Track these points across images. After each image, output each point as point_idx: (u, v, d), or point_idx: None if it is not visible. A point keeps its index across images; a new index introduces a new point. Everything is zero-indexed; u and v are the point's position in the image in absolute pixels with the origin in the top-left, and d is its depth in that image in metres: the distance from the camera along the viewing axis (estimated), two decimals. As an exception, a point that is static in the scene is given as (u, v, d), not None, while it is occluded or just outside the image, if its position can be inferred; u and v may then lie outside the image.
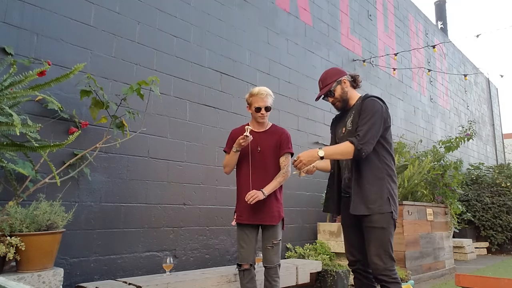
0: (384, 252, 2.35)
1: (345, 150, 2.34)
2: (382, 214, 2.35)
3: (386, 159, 2.45)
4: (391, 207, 2.37)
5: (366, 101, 2.47)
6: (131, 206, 3.25)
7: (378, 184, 2.38)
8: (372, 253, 2.37)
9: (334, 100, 2.60)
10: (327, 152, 2.35)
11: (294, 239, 4.68)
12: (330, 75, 2.59)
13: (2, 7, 2.69)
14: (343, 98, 2.57)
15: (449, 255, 5.95)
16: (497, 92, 14.80)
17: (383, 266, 2.33)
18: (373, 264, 2.36)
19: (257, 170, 2.85)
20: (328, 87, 2.56)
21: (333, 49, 6.05)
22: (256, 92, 2.85)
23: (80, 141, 2.92)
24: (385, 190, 2.38)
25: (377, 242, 2.36)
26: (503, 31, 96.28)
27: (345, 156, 2.38)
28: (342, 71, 2.64)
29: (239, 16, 4.51)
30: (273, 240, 2.81)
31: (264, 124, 2.95)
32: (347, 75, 2.60)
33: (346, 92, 2.56)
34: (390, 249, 2.37)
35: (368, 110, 2.40)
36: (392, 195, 2.41)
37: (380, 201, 2.36)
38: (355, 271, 2.59)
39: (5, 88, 2.07)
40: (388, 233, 2.37)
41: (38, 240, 2.17)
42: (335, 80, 2.55)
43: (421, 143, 7.74)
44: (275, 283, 2.79)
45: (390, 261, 2.36)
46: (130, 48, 3.40)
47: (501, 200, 8.39)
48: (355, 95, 2.60)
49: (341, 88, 2.56)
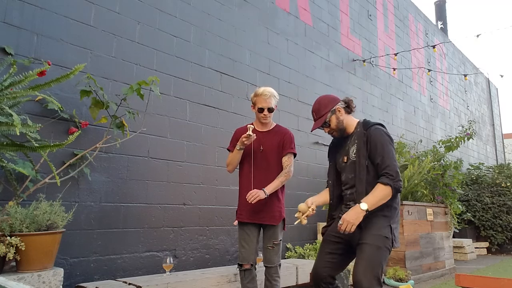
0: (372, 273, 2.16)
1: (384, 195, 2.26)
2: (377, 235, 2.25)
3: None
4: (391, 234, 2.27)
5: (370, 131, 2.38)
6: (131, 206, 3.25)
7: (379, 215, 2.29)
8: (359, 271, 2.18)
9: (330, 130, 2.52)
10: (370, 204, 2.24)
11: (294, 239, 4.68)
12: (324, 106, 2.49)
13: (2, 7, 2.69)
14: (339, 127, 2.48)
15: (449, 255, 5.95)
16: (497, 92, 14.80)
17: (367, 285, 2.12)
18: (357, 283, 2.17)
19: (259, 170, 2.84)
20: (322, 118, 2.46)
21: (333, 49, 6.05)
22: (260, 92, 2.85)
23: (80, 141, 2.92)
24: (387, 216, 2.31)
25: (366, 261, 2.19)
26: (503, 31, 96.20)
27: (387, 199, 2.29)
28: (335, 98, 2.54)
29: (239, 16, 4.51)
30: (273, 240, 2.81)
31: (268, 124, 2.95)
32: (341, 102, 2.50)
33: (341, 121, 2.48)
34: (380, 272, 2.20)
35: (380, 143, 2.33)
36: (395, 222, 2.33)
37: (380, 225, 2.28)
38: (317, 286, 2.42)
39: (5, 88, 2.07)
40: (381, 255, 2.22)
41: (38, 240, 2.17)
42: (329, 110, 2.46)
43: (421, 143, 7.74)
44: (275, 283, 2.79)
45: (376, 285, 2.15)
46: (130, 48, 3.40)
47: (501, 200, 8.39)
48: (352, 121, 2.52)
49: (336, 118, 2.47)
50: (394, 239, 2.29)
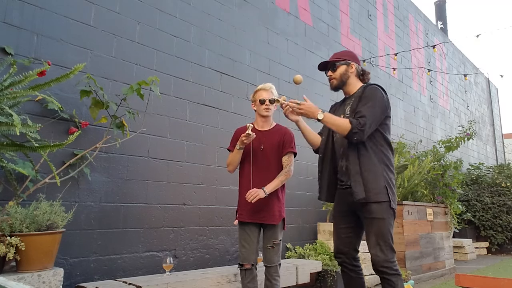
0: (384, 243, 2.30)
1: (342, 125, 2.31)
2: (379, 203, 2.31)
3: (384, 148, 2.42)
4: (389, 196, 2.32)
5: (367, 88, 2.44)
6: (131, 206, 3.25)
7: (375, 172, 2.35)
8: (372, 245, 2.33)
9: (332, 76, 2.56)
10: (326, 117, 2.34)
11: (294, 239, 4.67)
12: (343, 54, 2.59)
13: (2, 7, 2.69)
14: (342, 78, 2.53)
15: (449, 255, 5.95)
16: (497, 92, 14.80)
17: (383, 257, 2.29)
18: (374, 256, 2.32)
19: (259, 169, 2.84)
20: (334, 60, 2.54)
21: (333, 49, 6.05)
22: (260, 86, 2.91)
23: (80, 141, 2.92)
24: (381, 178, 2.34)
25: (377, 233, 2.32)
26: (503, 31, 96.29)
27: (338, 131, 2.35)
28: (357, 58, 2.61)
29: (239, 16, 4.51)
30: (273, 240, 2.81)
31: (268, 123, 2.96)
32: (358, 65, 2.57)
33: (347, 76, 2.53)
34: (391, 239, 2.33)
35: (369, 97, 2.37)
36: (390, 184, 2.36)
37: (376, 190, 2.32)
38: (341, 264, 2.56)
39: (5, 88, 2.07)
40: (388, 224, 2.33)
41: (38, 240, 2.17)
42: (345, 59, 2.53)
43: (421, 143, 7.74)
44: (275, 282, 2.79)
45: (390, 252, 2.32)
46: (130, 48, 3.40)
47: (501, 200, 8.39)
48: (357, 83, 2.56)
49: (345, 69, 2.52)
50: (393, 199, 2.35)
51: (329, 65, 2.58)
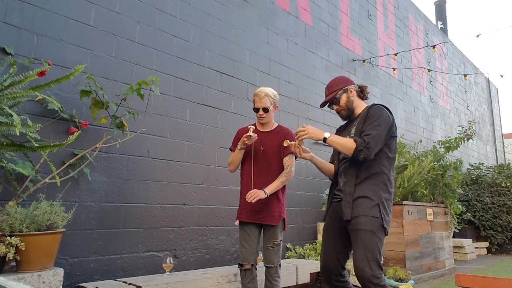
0: (372, 257, 2.20)
1: (347, 145, 2.30)
2: (367, 216, 2.26)
3: (386, 168, 2.38)
4: (380, 213, 2.27)
5: (371, 108, 2.42)
6: (131, 206, 3.25)
7: (371, 191, 2.31)
8: (359, 258, 2.23)
9: (339, 108, 2.55)
10: (332, 138, 2.35)
11: (294, 239, 4.68)
12: (337, 83, 2.55)
13: (2, 7, 2.69)
14: (348, 106, 2.52)
15: (449, 255, 5.94)
16: (497, 92, 14.80)
17: (370, 272, 2.18)
18: (360, 271, 2.22)
19: (260, 170, 2.84)
20: (333, 94, 2.51)
21: (333, 49, 6.05)
22: (256, 92, 2.89)
23: (80, 141, 2.92)
24: (376, 197, 2.30)
25: (364, 246, 2.23)
26: (503, 31, 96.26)
27: (343, 151, 2.34)
28: (349, 80, 2.60)
29: (239, 16, 4.51)
30: (273, 240, 2.81)
31: (269, 124, 2.96)
32: (355, 85, 2.56)
33: (351, 101, 2.52)
34: (378, 255, 2.24)
35: (374, 116, 2.35)
36: (384, 203, 2.31)
37: (367, 205, 2.28)
38: (328, 281, 2.48)
39: (5, 88, 2.07)
40: (376, 238, 2.25)
41: (38, 240, 2.17)
42: (341, 88, 2.51)
43: (421, 143, 7.74)
44: (275, 283, 2.79)
45: (377, 268, 2.22)
46: (130, 48, 3.40)
47: (501, 200, 8.39)
48: (361, 105, 2.55)
49: (346, 97, 2.51)
50: (385, 219, 2.30)
51: (332, 101, 2.55)
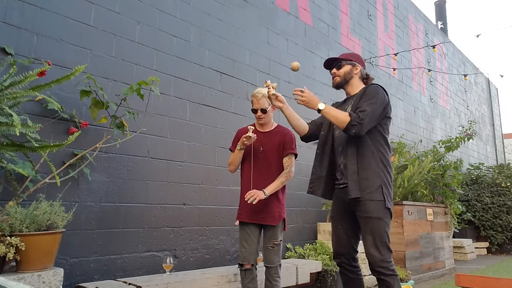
0: (381, 242, 2.30)
1: (341, 118, 2.33)
2: (373, 201, 2.32)
3: (383, 147, 2.43)
4: (383, 196, 2.33)
5: (368, 87, 2.48)
6: (131, 206, 3.25)
7: (372, 171, 2.36)
8: (369, 244, 2.33)
9: (335, 74, 2.61)
10: (327, 108, 2.37)
11: (294, 239, 4.67)
12: (350, 55, 2.65)
13: (2, 7, 2.69)
14: (345, 77, 2.58)
15: (449, 255, 5.95)
16: (497, 92, 14.80)
17: (379, 257, 2.28)
18: (370, 256, 2.32)
19: (259, 170, 2.85)
20: (341, 59, 2.60)
21: (333, 49, 6.05)
22: (254, 93, 2.89)
23: (80, 141, 2.92)
24: (378, 178, 2.35)
25: (373, 233, 2.32)
26: (503, 31, 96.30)
27: (337, 123, 2.37)
28: (362, 61, 2.67)
29: (239, 16, 4.51)
30: (273, 240, 2.81)
31: (268, 125, 2.96)
32: (364, 68, 2.63)
33: (351, 76, 2.58)
34: (387, 239, 2.33)
35: (370, 94, 2.39)
36: (386, 183, 2.37)
37: (370, 189, 2.33)
38: (340, 265, 2.56)
39: (5, 88, 2.07)
40: (384, 223, 2.33)
41: (38, 240, 2.17)
42: (351, 60, 2.59)
43: (421, 143, 7.74)
44: (275, 283, 2.79)
45: (387, 252, 2.31)
46: (130, 48, 3.40)
47: (501, 200, 8.39)
48: (359, 85, 2.60)
49: (349, 69, 2.58)
50: (387, 198, 2.35)
51: (335, 62, 2.62)
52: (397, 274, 2.34)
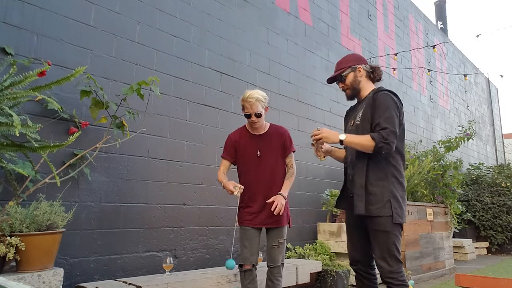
0: (389, 255, 2.28)
1: (365, 143, 2.24)
2: (380, 217, 2.27)
3: (394, 159, 2.34)
4: (392, 210, 2.26)
5: (378, 95, 2.36)
6: (131, 206, 3.25)
7: (380, 185, 2.29)
8: (378, 256, 2.32)
9: (344, 87, 2.50)
10: (348, 138, 2.28)
11: (294, 239, 4.67)
12: (347, 60, 2.50)
13: (2, 7, 2.69)
14: (353, 86, 2.47)
15: (449, 255, 5.95)
16: (497, 92, 14.80)
17: (388, 268, 2.26)
18: (379, 267, 2.31)
19: (261, 176, 2.81)
20: (340, 71, 2.47)
21: (333, 49, 6.05)
22: (245, 97, 2.76)
23: (80, 141, 2.92)
24: (386, 192, 2.28)
25: (380, 246, 2.29)
26: (503, 31, 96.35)
27: (364, 150, 2.28)
28: (361, 58, 2.53)
29: (239, 16, 4.51)
30: (279, 239, 2.81)
31: (262, 127, 2.91)
32: (365, 65, 2.49)
33: (358, 81, 2.46)
34: (396, 251, 2.30)
35: (383, 105, 2.29)
36: (396, 197, 2.29)
37: (379, 204, 2.27)
38: (356, 271, 2.54)
39: (5, 89, 2.07)
40: (392, 236, 2.29)
41: (38, 240, 2.17)
42: (350, 66, 2.46)
43: (421, 143, 7.74)
44: (277, 283, 2.79)
45: (396, 263, 2.28)
46: (130, 48, 3.40)
47: (501, 200, 8.39)
48: (368, 86, 2.49)
49: (353, 76, 2.46)
50: (397, 213, 2.29)
51: (337, 78, 2.51)
52: (407, 284, 2.30)
